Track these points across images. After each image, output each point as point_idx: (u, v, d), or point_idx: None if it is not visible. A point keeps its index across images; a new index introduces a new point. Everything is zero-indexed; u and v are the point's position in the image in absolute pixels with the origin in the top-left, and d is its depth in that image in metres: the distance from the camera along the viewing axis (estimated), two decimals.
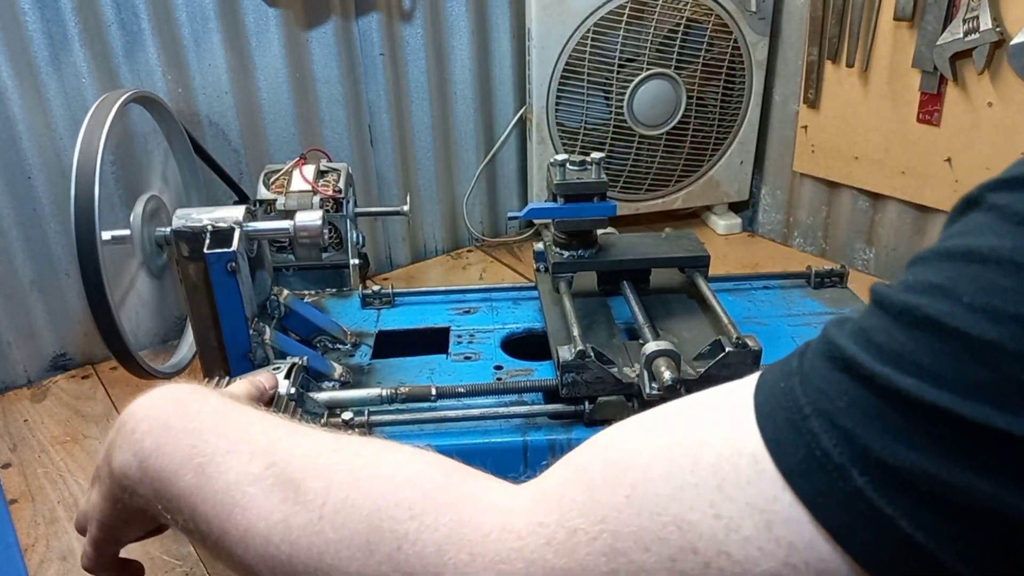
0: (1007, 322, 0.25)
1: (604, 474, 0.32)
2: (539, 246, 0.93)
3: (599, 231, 0.86)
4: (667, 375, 0.66)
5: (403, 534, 0.32)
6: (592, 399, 0.73)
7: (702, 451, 0.30)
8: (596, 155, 0.83)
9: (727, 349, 0.71)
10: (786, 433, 0.28)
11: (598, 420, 0.74)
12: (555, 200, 0.83)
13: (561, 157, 0.83)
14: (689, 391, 0.72)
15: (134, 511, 0.45)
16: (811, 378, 0.29)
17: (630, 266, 0.89)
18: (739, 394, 0.31)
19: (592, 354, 0.71)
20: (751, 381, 0.31)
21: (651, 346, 0.69)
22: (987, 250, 0.26)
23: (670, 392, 0.66)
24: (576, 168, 0.84)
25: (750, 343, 0.71)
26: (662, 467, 0.30)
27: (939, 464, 0.26)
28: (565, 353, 0.72)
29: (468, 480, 0.35)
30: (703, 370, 0.71)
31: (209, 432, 0.41)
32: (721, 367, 0.71)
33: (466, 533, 0.32)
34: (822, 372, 0.29)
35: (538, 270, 0.97)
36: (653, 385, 0.68)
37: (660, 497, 0.30)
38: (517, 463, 0.74)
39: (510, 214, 0.91)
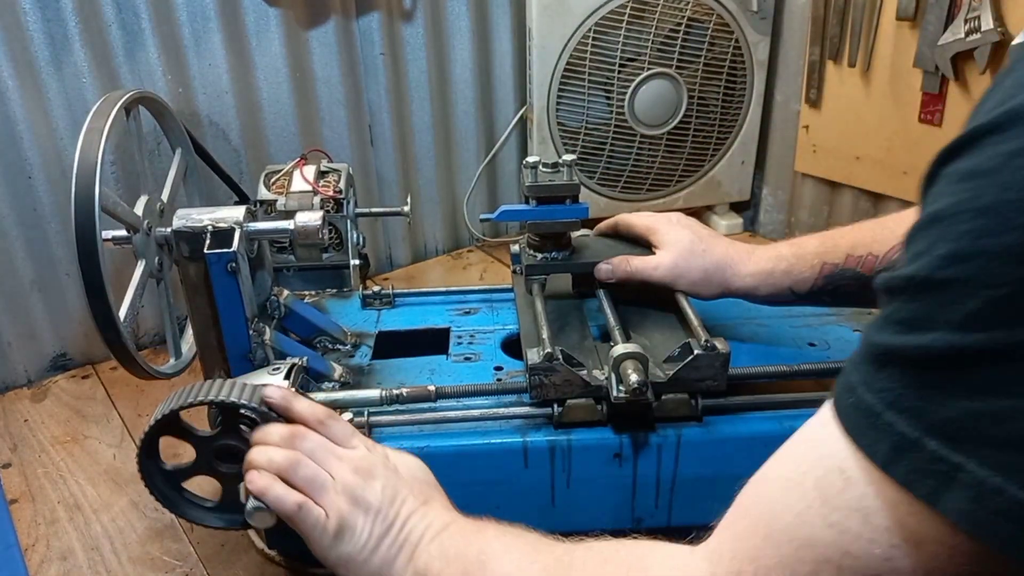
0: (973, 258, 0.29)
1: (745, 524, 0.40)
2: (515, 248, 0.93)
3: (573, 233, 0.86)
4: (634, 378, 0.66)
5: None
6: (561, 401, 0.73)
7: (804, 480, 0.36)
8: (568, 157, 0.83)
9: (696, 352, 0.71)
10: (872, 436, 0.33)
11: (567, 423, 0.73)
12: (527, 202, 0.83)
13: (533, 159, 0.82)
14: (657, 394, 0.72)
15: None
16: (870, 383, 0.33)
17: None
18: (816, 426, 0.37)
19: (560, 356, 0.71)
20: (825, 412, 0.37)
21: (618, 349, 0.68)
22: (942, 209, 0.31)
23: (636, 395, 0.66)
24: (549, 170, 0.83)
25: (719, 346, 0.71)
26: (781, 503, 0.37)
27: (977, 401, 0.29)
28: (533, 355, 0.71)
29: (655, 550, 0.46)
30: (672, 372, 0.71)
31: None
32: (690, 369, 0.71)
33: None
34: (873, 373, 0.33)
35: (514, 272, 0.96)
36: (620, 388, 0.68)
37: (787, 527, 0.36)
38: (517, 464, 0.74)
39: (482, 216, 0.90)
